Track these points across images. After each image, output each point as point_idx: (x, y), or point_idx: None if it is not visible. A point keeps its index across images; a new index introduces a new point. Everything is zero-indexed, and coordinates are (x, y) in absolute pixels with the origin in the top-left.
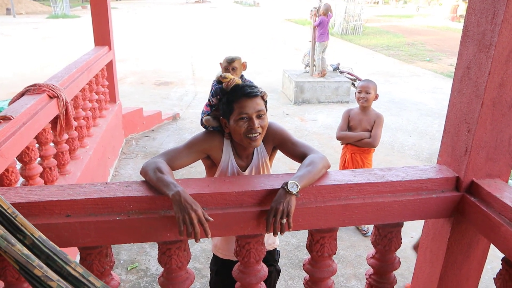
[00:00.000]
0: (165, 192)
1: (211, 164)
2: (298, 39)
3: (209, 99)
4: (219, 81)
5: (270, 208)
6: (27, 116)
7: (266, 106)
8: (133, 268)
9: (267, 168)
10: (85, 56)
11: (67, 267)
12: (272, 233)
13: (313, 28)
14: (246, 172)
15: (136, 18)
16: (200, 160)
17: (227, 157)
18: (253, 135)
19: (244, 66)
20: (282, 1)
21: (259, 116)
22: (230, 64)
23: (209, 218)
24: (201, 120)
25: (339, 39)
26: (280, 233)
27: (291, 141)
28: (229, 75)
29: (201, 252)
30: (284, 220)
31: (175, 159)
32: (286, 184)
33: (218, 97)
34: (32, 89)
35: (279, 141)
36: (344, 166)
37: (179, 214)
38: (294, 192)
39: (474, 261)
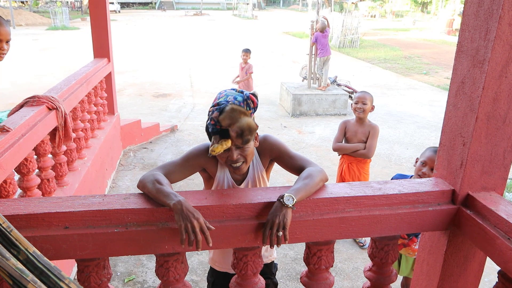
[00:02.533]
0: (166, 202)
1: (208, 177)
2: (296, 52)
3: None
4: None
5: (266, 221)
6: (26, 127)
7: (255, 135)
8: (130, 280)
9: (264, 182)
10: (84, 68)
11: (61, 283)
12: (269, 246)
13: (311, 44)
14: (242, 186)
15: (135, 30)
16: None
17: (222, 172)
18: (235, 165)
19: None
20: (280, 14)
21: (238, 147)
22: None
23: (211, 226)
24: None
25: (336, 52)
26: (277, 246)
27: (289, 154)
28: (217, 149)
29: (198, 265)
30: (280, 233)
31: (172, 172)
32: (282, 197)
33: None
34: (31, 101)
35: (276, 155)
36: (341, 176)
37: (181, 223)
38: (290, 205)
39: (470, 274)
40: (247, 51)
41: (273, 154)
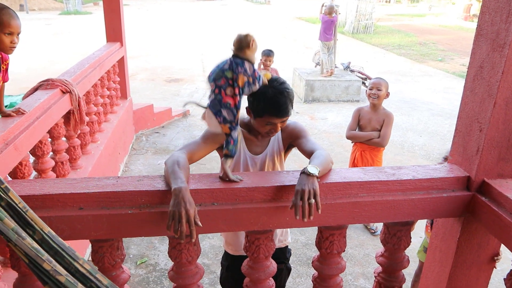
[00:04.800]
0: (170, 185)
1: None
2: (309, 38)
3: (244, 84)
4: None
5: (296, 192)
6: (40, 110)
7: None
8: (142, 262)
9: (280, 159)
10: (97, 52)
11: (75, 264)
12: (283, 230)
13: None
14: (260, 157)
15: (148, 15)
16: (208, 157)
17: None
18: (272, 134)
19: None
20: None
21: (283, 121)
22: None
23: (199, 223)
24: (219, 115)
25: (350, 37)
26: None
27: (306, 138)
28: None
29: (209, 248)
30: (312, 200)
31: (195, 150)
32: (305, 168)
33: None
34: (45, 84)
35: (296, 137)
36: (353, 164)
37: (171, 208)
38: (316, 174)
39: (484, 262)
40: (269, 54)
41: (293, 136)
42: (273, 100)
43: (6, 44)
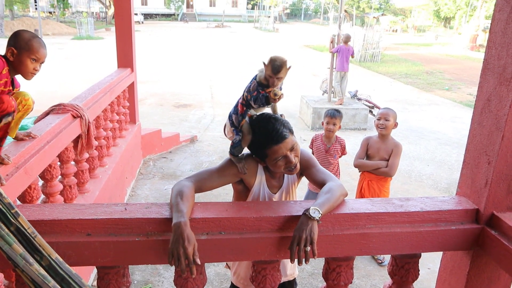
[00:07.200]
0: (172, 218)
1: (243, 189)
2: (316, 65)
3: (245, 98)
4: (260, 83)
5: (293, 237)
6: (51, 135)
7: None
8: None
9: (295, 191)
10: (108, 78)
11: None
12: (291, 264)
13: (331, 55)
14: (277, 195)
15: (158, 41)
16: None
17: (259, 181)
18: (292, 166)
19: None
20: (301, 27)
21: (292, 149)
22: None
23: (197, 261)
24: (230, 118)
25: (357, 66)
26: (305, 262)
27: (316, 168)
28: (279, 92)
29: (214, 276)
30: (308, 248)
31: (206, 181)
32: (307, 210)
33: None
34: (57, 109)
35: (305, 167)
36: (360, 193)
37: (170, 246)
38: (316, 218)
39: None
40: (333, 115)
41: (302, 166)
42: (264, 132)
43: (29, 69)
